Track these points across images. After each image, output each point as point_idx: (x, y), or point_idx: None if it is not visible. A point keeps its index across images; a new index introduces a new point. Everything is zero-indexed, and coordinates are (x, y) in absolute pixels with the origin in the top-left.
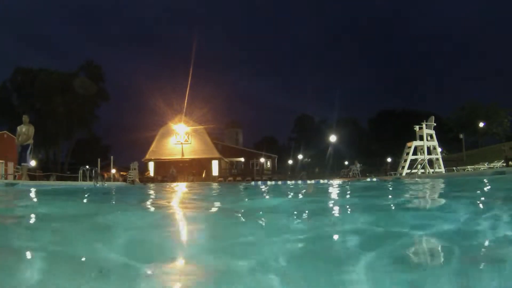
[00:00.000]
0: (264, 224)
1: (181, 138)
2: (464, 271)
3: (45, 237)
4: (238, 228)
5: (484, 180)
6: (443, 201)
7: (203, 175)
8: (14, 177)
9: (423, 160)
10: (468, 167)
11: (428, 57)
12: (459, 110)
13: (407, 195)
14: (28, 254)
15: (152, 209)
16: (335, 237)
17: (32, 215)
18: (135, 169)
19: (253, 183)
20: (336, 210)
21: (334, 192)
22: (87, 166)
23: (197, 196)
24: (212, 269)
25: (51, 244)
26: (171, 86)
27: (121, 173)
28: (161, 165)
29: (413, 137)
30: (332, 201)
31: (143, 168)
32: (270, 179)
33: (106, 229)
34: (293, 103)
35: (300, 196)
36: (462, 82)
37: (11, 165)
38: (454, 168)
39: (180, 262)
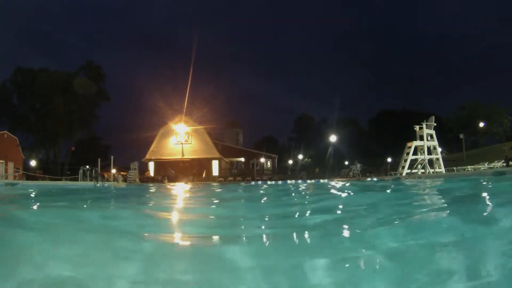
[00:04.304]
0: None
1: (181, 138)
2: (463, 270)
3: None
4: None
5: (484, 180)
6: (442, 201)
7: (203, 175)
8: (14, 177)
9: (423, 160)
10: (468, 167)
11: (429, 57)
12: (459, 110)
13: (408, 195)
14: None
15: None
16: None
17: (33, 214)
18: (135, 169)
19: (253, 183)
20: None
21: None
22: (87, 166)
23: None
24: None
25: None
26: (171, 86)
27: (121, 173)
28: (161, 165)
29: (413, 137)
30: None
31: (143, 168)
32: (270, 179)
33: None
34: (293, 103)
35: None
36: (462, 82)
37: (11, 165)
38: (454, 168)
39: None
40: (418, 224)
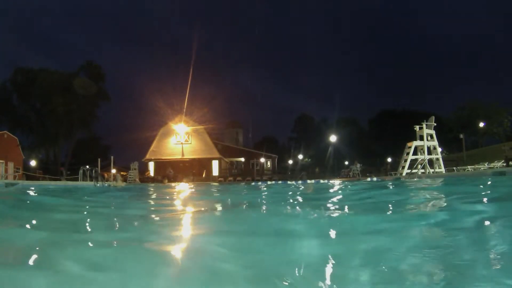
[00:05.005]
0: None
1: (181, 138)
2: (462, 268)
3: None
4: None
5: (484, 180)
6: (443, 201)
7: (203, 175)
8: (14, 177)
9: (423, 160)
10: (468, 167)
11: (429, 57)
12: (459, 110)
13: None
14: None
15: None
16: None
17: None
18: (135, 169)
19: (253, 183)
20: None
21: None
22: (87, 166)
23: None
24: None
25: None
26: (171, 86)
27: (121, 173)
28: (161, 165)
29: (413, 137)
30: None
31: (143, 168)
32: (270, 179)
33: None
34: (293, 103)
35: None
36: (462, 82)
37: (11, 165)
38: (454, 168)
39: None
40: (417, 224)
